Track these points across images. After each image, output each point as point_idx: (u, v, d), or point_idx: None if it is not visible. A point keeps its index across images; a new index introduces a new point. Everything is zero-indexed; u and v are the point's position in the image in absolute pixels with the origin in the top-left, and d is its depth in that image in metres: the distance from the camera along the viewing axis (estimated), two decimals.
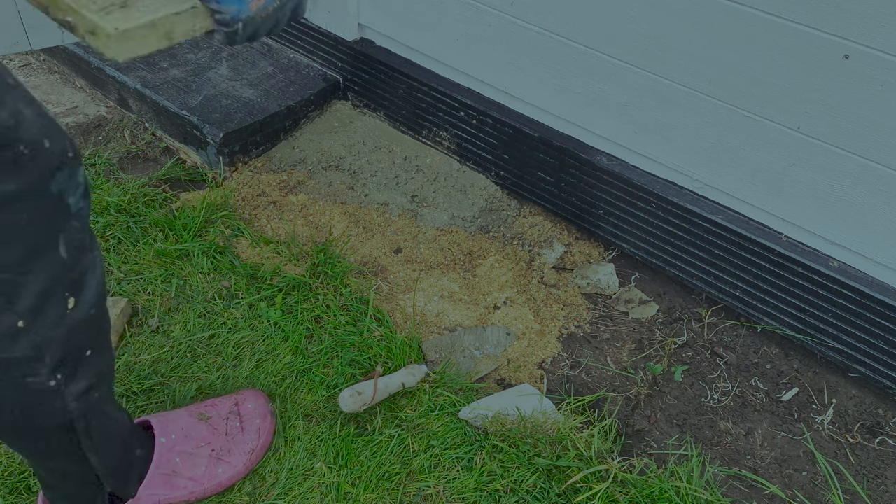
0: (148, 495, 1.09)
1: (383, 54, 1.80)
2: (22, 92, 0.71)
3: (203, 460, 1.15)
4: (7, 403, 0.83)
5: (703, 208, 1.42)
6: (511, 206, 1.71)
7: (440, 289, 1.51)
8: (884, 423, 1.31)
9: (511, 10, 1.50)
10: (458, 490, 1.17)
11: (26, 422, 0.86)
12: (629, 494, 1.15)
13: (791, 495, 1.21)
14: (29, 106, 0.70)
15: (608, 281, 1.53)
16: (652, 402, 1.33)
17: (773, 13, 1.17)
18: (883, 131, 1.16)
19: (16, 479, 1.16)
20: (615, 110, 1.46)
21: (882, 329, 1.29)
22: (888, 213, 1.22)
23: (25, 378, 0.80)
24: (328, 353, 1.37)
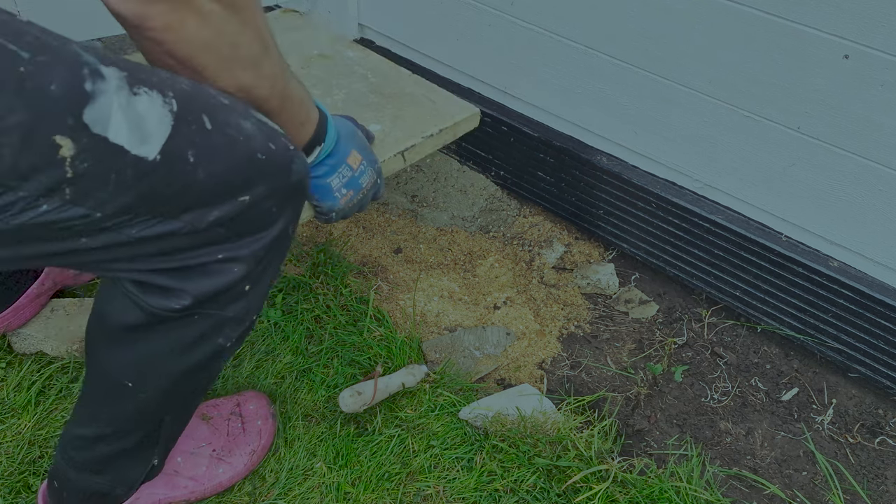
0: (148, 494, 1.09)
1: (383, 54, 1.80)
2: (237, 107, 0.78)
3: (204, 460, 1.15)
4: (201, 359, 0.89)
5: (703, 208, 1.42)
6: (511, 206, 1.70)
7: (440, 289, 1.51)
8: (884, 423, 1.31)
9: (511, 10, 1.50)
10: (458, 490, 1.17)
11: (190, 381, 0.92)
12: (629, 494, 1.15)
13: (791, 495, 1.21)
14: (246, 119, 0.78)
15: (608, 281, 1.53)
16: (652, 402, 1.33)
17: (773, 13, 1.17)
18: (883, 131, 1.16)
19: (16, 478, 1.16)
20: (615, 110, 1.46)
21: (882, 329, 1.29)
22: (888, 213, 1.22)
23: (218, 338, 0.87)
24: (328, 353, 1.37)
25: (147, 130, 0.68)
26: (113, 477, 1.02)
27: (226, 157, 0.75)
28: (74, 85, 0.62)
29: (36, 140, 0.61)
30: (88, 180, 0.66)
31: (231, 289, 0.83)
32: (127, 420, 0.95)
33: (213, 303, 0.83)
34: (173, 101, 0.70)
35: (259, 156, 0.77)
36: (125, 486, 1.05)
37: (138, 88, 0.67)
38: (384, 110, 1.36)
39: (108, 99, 0.64)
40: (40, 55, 0.61)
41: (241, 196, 0.77)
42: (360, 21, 1.82)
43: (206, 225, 0.76)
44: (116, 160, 0.66)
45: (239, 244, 0.80)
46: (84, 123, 0.63)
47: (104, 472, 1.02)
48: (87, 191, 0.66)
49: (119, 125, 0.65)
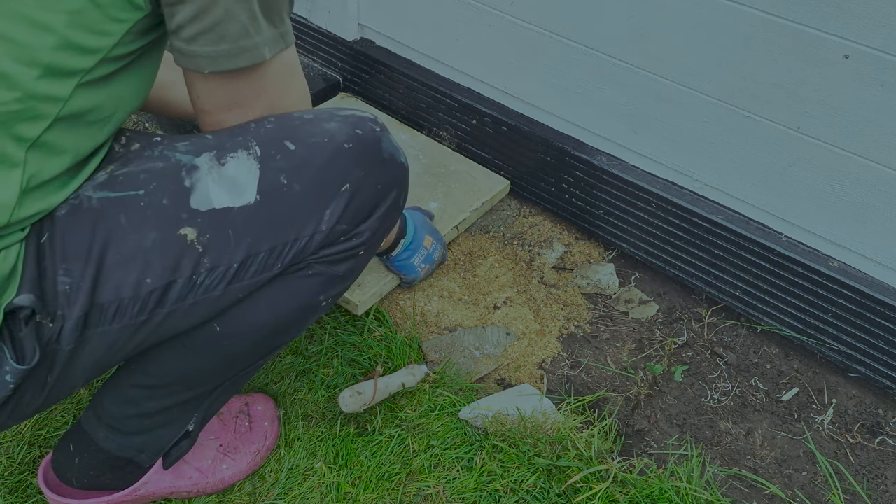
0: (156, 480, 1.10)
1: (383, 54, 1.80)
2: (321, 115, 0.91)
3: (211, 453, 1.15)
4: (297, 315, 0.95)
5: (703, 208, 1.42)
6: (511, 206, 1.71)
7: (440, 289, 1.51)
8: (884, 423, 1.31)
9: (511, 10, 1.50)
10: (458, 490, 1.18)
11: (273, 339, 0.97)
12: (629, 494, 1.15)
13: (791, 495, 1.21)
14: (330, 120, 0.90)
15: (608, 281, 1.53)
16: (652, 402, 1.34)
17: (773, 13, 1.17)
18: (883, 131, 1.16)
19: (16, 478, 1.16)
20: (615, 110, 1.46)
21: (882, 329, 1.29)
22: (888, 213, 1.22)
23: (319, 295, 0.94)
24: (328, 353, 1.37)
25: (241, 184, 0.84)
26: (145, 440, 1.03)
27: (314, 162, 0.87)
28: (179, 190, 0.83)
29: (169, 242, 0.82)
30: (215, 245, 0.83)
31: (348, 251, 0.92)
32: (196, 375, 0.96)
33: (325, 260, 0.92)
34: (256, 148, 0.86)
35: (346, 146, 0.88)
36: (153, 451, 1.05)
37: (225, 158, 0.85)
38: (437, 189, 1.64)
39: (203, 182, 0.84)
40: (151, 184, 0.83)
41: (342, 186, 0.88)
42: (360, 21, 1.82)
43: (328, 227, 0.88)
44: (227, 219, 0.84)
45: (362, 228, 0.91)
46: (193, 209, 0.83)
47: (139, 433, 1.02)
48: (217, 254, 0.84)
49: (218, 194, 0.84)
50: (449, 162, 1.72)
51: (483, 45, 1.59)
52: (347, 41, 1.84)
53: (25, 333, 0.76)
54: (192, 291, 0.84)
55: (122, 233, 0.80)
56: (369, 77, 1.84)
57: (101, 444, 1.02)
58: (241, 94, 0.88)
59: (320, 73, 1.93)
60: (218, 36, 0.80)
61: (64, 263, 0.78)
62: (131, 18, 0.78)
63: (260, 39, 0.83)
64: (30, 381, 0.80)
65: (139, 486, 1.08)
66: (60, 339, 0.79)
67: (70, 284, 0.78)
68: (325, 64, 1.94)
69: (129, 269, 0.80)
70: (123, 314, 0.81)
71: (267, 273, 0.88)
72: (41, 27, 0.72)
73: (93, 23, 0.75)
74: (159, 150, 0.86)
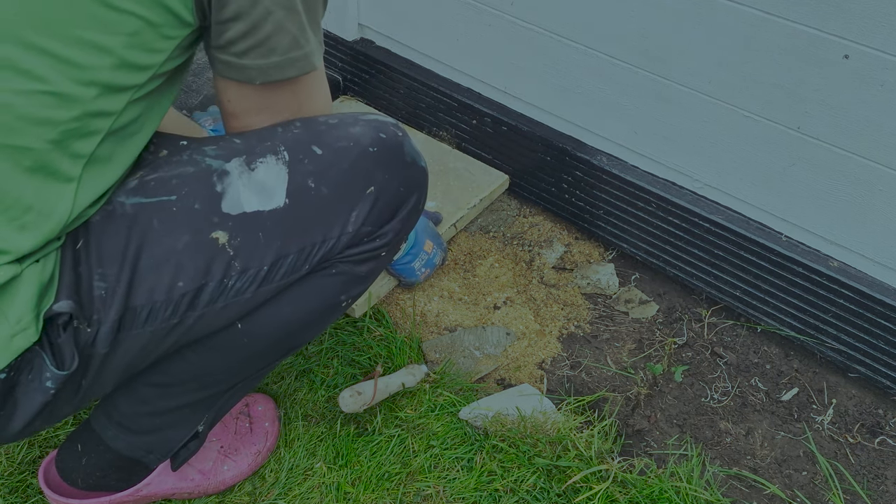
0: (159, 481, 1.10)
1: (383, 54, 1.80)
2: (346, 120, 0.93)
3: (212, 454, 1.16)
4: (316, 315, 0.96)
5: (703, 208, 1.42)
6: (511, 206, 1.71)
7: (440, 289, 1.51)
8: (884, 423, 1.31)
9: (511, 10, 1.50)
10: (458, 490, 1.18)
11: (293, 339, 0.98)
12: (629, 494, 1.15)
13: (791, 495, 1.21)
14: (354, 125, 0.92)
15: (608, 281, 1.53)
16: (652, 402, 1.34)
17: (773, 13, 1.17)
18: (883, 131, 1.16)
19: (16, 478, 1.16)
20: (615, 110, 1.46)
21: (882, 329, 1.29)
22: (888, 213, 1.22)
23: (341, 294, 0.95)
24: (328, 353, 1.37)
25: (270, 188, 0.86)
26: (154, 439, 1.03)
27: (340, 165, 0.89)
28: (210, 194, 0.84)
29: (201, 245, 0.83)
30: (245, 248, 0.85)
31: (371, 251, 0.93)
32: (212, 374, 0.97)
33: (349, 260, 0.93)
34: (284, 152, 0.87)
35: (370, 149, 0.90)
36: (161, 451, 1.05)
37: (254, 163, 0.86)
38: (435, 187, 1.64)
39: (234, 187, 0.85)
40: (183, 189, 0.84)
41: (367, 188, 0.90)
42: (360, 21, 1.82)
43: (354, 228, 0.90)
44: (257, 222, 0.85)
45: (385, 229, 0.93)
46: (224, 213, 0.84)
47: (149, 432, 1.02)
48: (248, 256, 0.85)
49: (248, 198, 0.85)
50: (447, 159, 1.72)
51: (483, 45, 1.59)
52: (347, 41, 1.84)
53: (64, 339, 0.77)
54: (223, 294, 0.85)
55: (155, 237, 0.81)
56: (369, 77, 1.84)
57: (110, 444, 1.02)
58: (276, 100, 0.90)
59: None
60: (268, 49, 0.82)
61: (100, 268, 0.79)
62: (180, 35, 0.80)
63: (309, 49, 0.86)
64: (66, 385, 0.80)
65: (141, 486, 1.08)
66: (96, 342, 0.80)
67: (105, 289, 0.79)
68: (325, 64, 1.93)
69: (161, 273, 0.81)
70: (156, 317, 0.82)
71: (295, 274, 0.89)
72: (100, 49, 0.74)
73: (148, 42, 0.77)
74: (188, 155, 0.88)
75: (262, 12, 0.79)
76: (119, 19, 0.74)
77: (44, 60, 0.72)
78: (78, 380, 0.82)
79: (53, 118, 0.73)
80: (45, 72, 0.72)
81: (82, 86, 0.74)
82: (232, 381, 1.00)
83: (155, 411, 0.99)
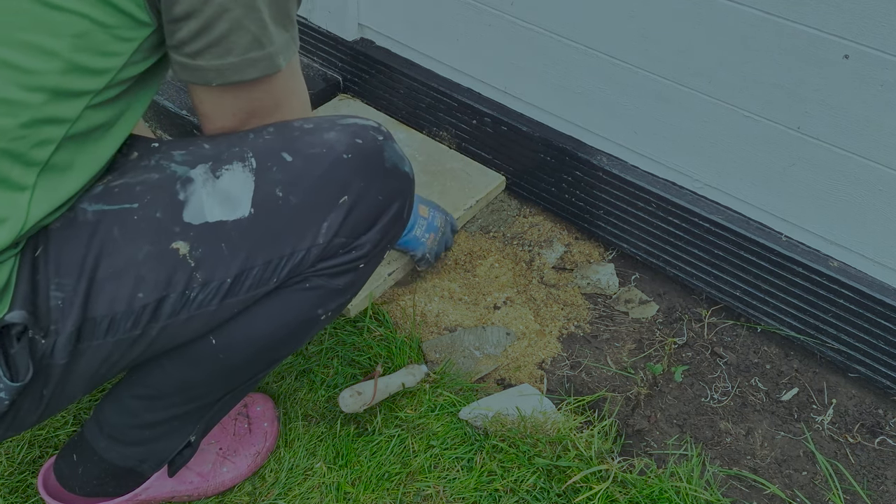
0: (158, 485, 1.10)
1: (383, 54, 1.80)
2: (322, 125, 0.89)
3: (211, 457, 1.15)
4: (294, 329, 0.92)
5: (703, 208, 1.42)
6: (511, 206, 1.71)
7: (440, 289, 1.51)
8: (884, 423, 1.31)
9: (511, 10, 1.50)
10: (458, 490, 1.17)
11: (270, 353, 0.95)
12: (629, 494, 1.15)
13: (791, 495, 1.21)
14: (330, 130, 0.88)
15: (608, 281, 1.53)
16: (652, 402, 1.33)
17: (773, 13, 1.17)
18: (883, 131, 1.16)
19: (16, 478, 1.16)
20: (615, 110, 1.46)
21: (882, 329, 1.29)
22: (888, 213, 1.22)
23: (318, 309, 0.92)
24: (328, 353, 1.37)
25: (235, 197, 0.82)
26: (146, 450, 1.02)
27: (311, 173, 0.84)
28: (172, 203, 0.81)
29: (162, 256, 0.80)
30: (207, 260, 0.81)
31: (346, 264, 0.90)
32: (194, 387, 0.95)
33: (322, 273, 0.89)
34: (252, 159, 0.84)
35: (345, 156, 0.86)
36: (155, 461, 1.04)
37: (220, 171, 0.83)
38: (432, 187, 1.63)
39: (197, 195, 0.82)
40: (146, 196, 0.81)
41: (340, 197, 0.85)
42: (360, 21, 1.82)
43: (325, 240, 0.86)
44: (220, 233, 0.82)
45: (362, 240, 0.89)
46: (186, 223, 0.81)
47: (140, 444, 1.01)
48: (210, 268, 0.82)
49: (211, 208, 0.82)
50: (445, 160, 1.72)
51: (483, 45, 1.59)
52: (347, 41, 1.84)
53: (18, 350, 0.75)
54: (185, 307, 0.82)
55: (115, 246, 0.79)
56: (369, 77, 1.84)
57: (103, 455, 1.01)
58: (243, 103, 0.86)
59: (320, 74, 1.93)
60: (225, 49, 0.78)
61: (57, 278, 0.77)
62: (139, 37, 0.76)
63: (273, 49, 0.81)
64: (25, 395, 0.79)
65: (140, 491, 1.08)
66: (54, 353, 0.78)
67: (63, 299, 0.77)
68: (325, 64, 1.94)
69: (121, 283, 0.79)
70: (117, 329, 0.80)
71: (263, 288, 0.86)
72: (45, 52, 0.70)
73: (99, 44, 0.73)
74: (156, 160, 0.85)
75: (215, 9, 0.75)
76: (63, 20, 0.70)
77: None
78: (38, 390, 0.80)
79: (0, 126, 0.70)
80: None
81: (28, 91, 0.71)
82: (216, 394, 0.98)
83: (143, 424, 0.98)
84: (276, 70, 0.83)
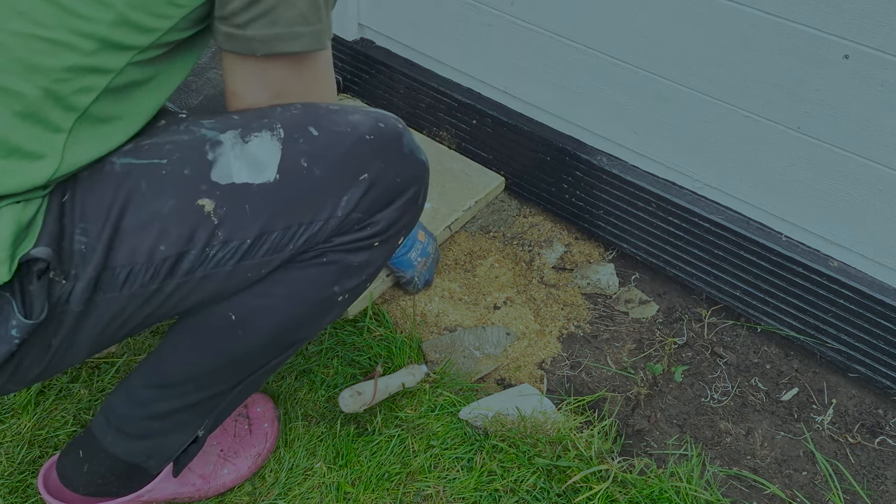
0: (161, 487, 1.09)
1: (383, 54, 1.80)
2: (346, 108, 0.92)
3: (212, 458, 1.15)
4: (313, 307, 0.93)
5: (703, 208, 1.42)
6: (511, 206, 1.71)
7: (440, 289, 1.51)
8: (884, 423, 1.31)
9: (511, 10, 1.50)
10: (458, 490, 1.18)
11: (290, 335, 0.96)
12: (629, 494, 1.15)
13: (791, 495, 1.21)
14: (354, 113, 0.91)
15: (608, 281, 1.53)
16: (652, 402, 1.34)
17: (773, 13, 1.17)
18: (883, 131, 1.16)
19: (16, 478, 1.16)
20: (615, 110, 1.46)
21: (882, 329, 1.29)
22: (888, 213, 1.22)
23: (334, 285, 0.93)
24: (328, 353, 1.37)
25: (262, 162, 0.85)
26: (153, 444, 1.02)
27: (335, 149, 0.88)
28: (201, 162, 0.84)
29: (186, 211, 0.82)
30: (230, 219, 0.84)
31: (362, 240, 0.91)
32: (208, 373, 0.95)
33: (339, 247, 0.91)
34: (280, 130, 0.86)
35: (367, 137, 0.89)
36: (161, 457, 1.04)
37: (248, 137, 0.86)
38: (432, 188, 1.59)
39: (226, 157, 0.84)
40: (175, 154, 0.84)
41: (361, 175, 0.88)
42: (360, 21, 1.82)
43: (343, 213, 0.88)
44: (245, 194, 0.84)
45: (377, 217, 0.91)
46: (213, 182, 0.83)
47: (148, 437, 1.01)
48: (232, 227, 0.84)
49: (239, 169, 0.84)
50: (445, 160, 1.72)
51: (483, 45, 1.59)
52: (347, 41, 1.84)
53: (36, 287, 0.76)
54: (203, 264, 0.84)
55: (142, 198, 0.81)
56: (369, 77, 1.84)
57: (109, 449, 1.01)
58: (280, 78, 0.89)
59: None
60: (272, 20, 0.81)
61: (82, 223, 0.78)
62: (190, 4, 0.79)
63: (319, 27, 0.85)
64: (34, 340, 0.79)
65: (143, 492, 1.08)
66: (70, 299, 0.79)
67: (86, 244, 0.78)
68: None
69: (144, 234, 0.80)
70: (135, 280, 0.81)
71: (278, 254, 0.87)
72: (101, 2, 0.73)
73: (153, 5, 0.76)
74: (185, 126, 0.88)
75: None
76: None
77: (43, 5, 0.72)
78: (47, 337, 0.81)
79: (45, 65, 0.73)
80: (43, 16, 0.72)
81: (80, 36, 0.73)
82: (229, 382, 0.98)
83: (154, 415, 0.98)
84: (321, 47, 0.86)
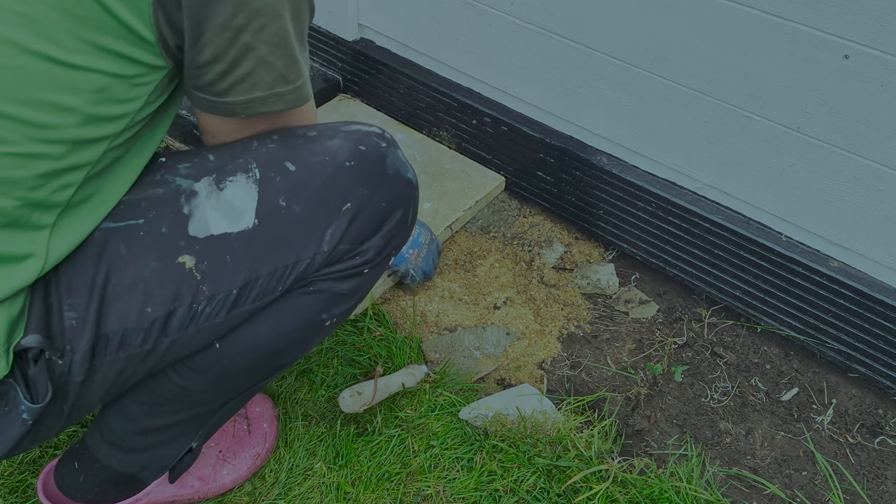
0: (159, 490, 1.09)
1: (383, 54, 1.80)
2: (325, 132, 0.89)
3: (211, 460, 1.15)
4: (300, 333, 0.92)
5: (703, 208, 1.42)
6: (511, 206, 1.71)
7: (440, 289, 1.51)
8: (884, 423, 1.31)
9: (511, 10, 1.50)
10: (458, 490, 1.17)
11: (276, 358, 0.94)
12: (629, 494, 1.15)
13: (791, 495, 1.21)
14: (333, 137, 0.88)
15: (608, 281, 1.53)
16: (652, 402, 1.33)
17: (773, 13, 1.17)
18: (883, 131, 1.16)
19: (16, 478, 1.16)
20: (615, 110, 1.46)
21: (882, 329, 1.29)
22: (888, 213, 1.22)
23: (322, 313, 0.91)
24: (328, 353, 1.37)
25: (239, 208, 0.83)
26: (148, 456, 1.02)
27: (314, 182, 0.85)
28: (177, 217, 0.82)
29: (168, 271, 0.80)
30: (213, 272, 0.82)
31: (351, 269, 0.90)
32: (197, 393, 0.95)
33: (328, 276, 0.89)
34: (255, 170, 0.84)
35: (347, 164, 0.86)
36: (156, 468, 1.04)
37: (223, 182, 0.83)
38: (432, 188, 1.63)
39: (202, 208, 0.82)
40: (151, 212, 0.82)
41: (343, 205, 0.86)
42: (360, 21, 1.82)
43: (329, 247, 0.86)
44: (225, 245, 0.82)
45: (366, 246, 0.89)
46: (191, 237, 0.81)
47: (141, 451, 1.01)
48: (216, 281, 0.82)
49: (216, 220, 0.82)
50: (445, 160, 1.72)
51: (483, 45, 1.59)
52: (347, 41, 1.84)
53: (36, 372, 0.76)
54: (193, 320, 0.83)
55: (123, 263, 0.80)
56: (369, 77, 1.84)
57: (104, 461, 1.01)
58: (261, 127, 0.88)
59: (320, 74, 1.93)
60: (251, 84, 0.79)
61: (69, 298, 0.78)
62: (155, 80, 0.77)
63: (300, 83, 0.83)
64: (47, 413, 0.80)
65: (141, 496, 1.08)
66: (71, 371, 0.79)
67: (76, 318, 0.77)
68: (325, 64, 1.94)
69: (130, 299, 0.80)
70: (129, 344, 0.81)
71: (268, 297, 0.86)
72: (63, 109, 0.71)
73: (117, 94, 0.74)
74: (161, 175, 0.86)
75: (240, 50, 0.76)
76: (80, 77, 0.70)
77: (3, 123, 0.69)
78: (59, 407, 0.81)
79: (17, 177, 0.71)
80: (6, 133, 0.69)
81: (48, 144, 0.71)
82: (219, 400, 0.98)
83: (145, 430, 0.98)
84: (303, 103, 0.85)
